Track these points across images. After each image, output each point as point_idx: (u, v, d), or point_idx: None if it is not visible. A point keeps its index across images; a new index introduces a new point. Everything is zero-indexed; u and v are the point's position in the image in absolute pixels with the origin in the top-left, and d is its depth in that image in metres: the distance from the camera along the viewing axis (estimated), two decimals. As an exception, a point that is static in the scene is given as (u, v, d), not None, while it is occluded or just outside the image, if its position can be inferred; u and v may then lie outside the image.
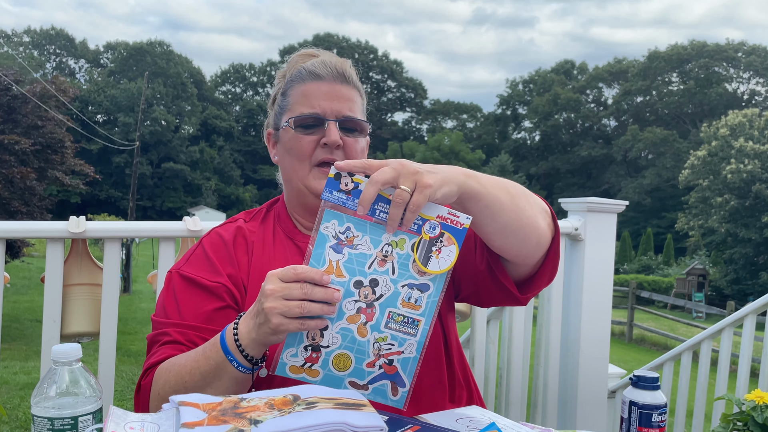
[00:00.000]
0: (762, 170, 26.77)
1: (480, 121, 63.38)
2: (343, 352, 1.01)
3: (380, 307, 1.00)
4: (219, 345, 1.04)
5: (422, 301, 1.00)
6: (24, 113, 13.18)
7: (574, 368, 2.50)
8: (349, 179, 0.96)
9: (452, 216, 0.98)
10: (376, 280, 0.99)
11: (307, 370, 1.02)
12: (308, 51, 1.34)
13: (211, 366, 1.04)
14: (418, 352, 1.01)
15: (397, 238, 0.98)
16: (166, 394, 1.08)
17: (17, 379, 7.13)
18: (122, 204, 44.87)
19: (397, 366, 1.02)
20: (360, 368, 1.02)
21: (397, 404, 1.03)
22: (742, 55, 47.34)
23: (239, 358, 1.02)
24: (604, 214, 2.50)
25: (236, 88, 64.19)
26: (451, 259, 0.98)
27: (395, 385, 1.03)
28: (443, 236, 0.98)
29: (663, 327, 16.04)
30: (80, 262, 2.18)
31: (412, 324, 1.01)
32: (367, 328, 1.01)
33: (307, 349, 1.01)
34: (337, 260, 0.99)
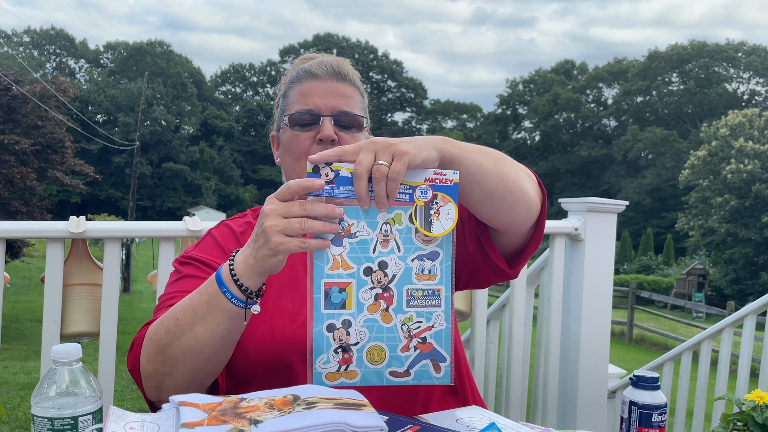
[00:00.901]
0: (762, 170, 26.78)
1: (480, 121, 63.40)
2: (374, 344, 0.99)
3: (397, 288, 0.98)
4: (214, 278, 1.00)
5: (436, 270, 0.99)
6: (24, 113, 13.18)
7: (574, 368, 2.50)
8: (328, 169, 0.94)
9: (439, 176, 0.97)
10: (384, 262, 0.98)
11: (344, 374, 0.99)
12: (309, 55, 1.36)
13: (204, 301, 1.01)
14: (447, 321, 1.00)
15: (393, 215, 0.97)
16: (158, 337, 1.04)
17: (17, 379, 7.13)
18: (122, 204, 44.87)
19: (432, 342, 1.00)
20: (396, 356, 0.99)
21: (443, 381, 1.01)
22: (742, 55, 47.34)
23: (233, 289, 0.98)
24: (604, 214, 2.50)
25: (236, 88, 64.20)
26: (452, 217, 0.96)
27: (436, 362, 1.01)
28: (437, 197, 0.96)
29: (663, 327, 16.04)
30: (80, 262, 2.18)
31: (433, 295, 0.99)
32: (390, 312, 0.99)
33: (337, 352, 0.98)
34: (340, 253, 0.97)
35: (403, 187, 0.96)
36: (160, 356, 1.05)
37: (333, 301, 0.98)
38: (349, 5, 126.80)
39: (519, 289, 2.49)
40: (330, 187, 0.94)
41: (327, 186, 0.94)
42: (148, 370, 1.07)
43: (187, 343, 1.02)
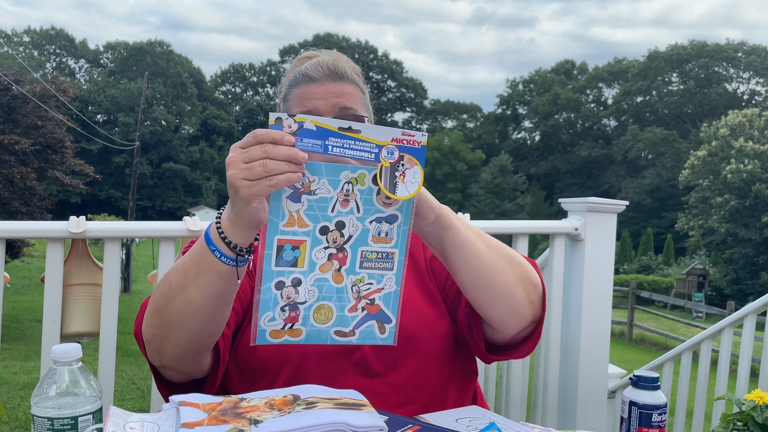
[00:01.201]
0: (762, 170, 26.78)
1: (480, 121, 63.39)
2: (322, 303, 0.97)
3: (351, 249, 0.96)
4: (203, 238, 0.98)
5: (393, 233, 0.97)
6: (24, 113, 13.18)
7: (574, 368, 2.50)
8: (291, 120, 0.90)
9: (407, 136, 0.94)
10: (342, 222, 0.95)
11: (288, 332, 0.97)
12: (308, 53, 1.35)
13: (194, 261, 0.99)
14: (398, 284, 0.99)
15: (356, 174, 0.93)
16: (155, 300, 1.04)
17: (17, 379, 7.13)
18: (122, 204, 44.86)
19: (380, 303, 0.99)
20: (343, 315, 0.98)
21: (386, 341, 1.00)
22: (742, 55, 47.35)
23: (222, 247, 0.95)
24: (604, 214, 2.50)
25: (236, 88, 64.21)
26: (417, 181, 0.93)
27: (381, 323, 1.00)
28: (403, 159, 0.93)
29: (663, 327, 16.04)
30: (80, 262, 2.18)
31: (386, 258, 0.97)
32: (342, 273, 0.97)
33: (284, 310, 0.95)
34: (297, 210, 0.93)
35: (368, 146, 0.92)
36: (156, 320, 1.04)
37: (285, 259, 0.94)
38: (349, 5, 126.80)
39: (519, 289, 2.49)
40: (294, 139, 0.90)
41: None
42: (148, 335, 1.07)
43: (180, 305, 1.00)
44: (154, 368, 1.14)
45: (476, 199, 45.22)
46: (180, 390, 1.15)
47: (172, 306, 1.01)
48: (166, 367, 1.10)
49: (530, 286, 1.13)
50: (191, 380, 1.16)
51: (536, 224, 2.53)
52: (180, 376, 1.13)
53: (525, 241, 2.45)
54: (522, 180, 47.37)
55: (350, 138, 0.91)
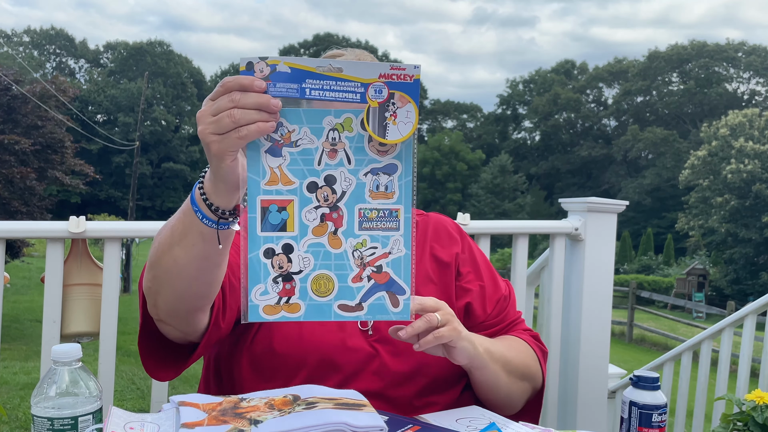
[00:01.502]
0: (762, 170, 26.78)
1: (480, 121, 63.36)
2: (320, 273, 0.86)
3: (347, 207, 0.85)
4: (189, 198, 0.94)
5: (394, 186, 0.85)
6: (24, 113, 13.18)
7: (574, 368, 2.50)
8: (263, 63, 0.81)
9: (397, 70, 0.82)
10: (332, 177, 0.84)
11: (285, 307, 0.86)
12: (333, 52, 1.31)
13: (180, 220, 0.95)
14: (407, 247, 0.86)
15: (342, 119, 0.83)
16: (150, 254, 1.03)
17: (17, 379, 7.13)
18: (122, 204, 44.85)
19: (389, 271, 0.86)
20: (346, 286, 0.86)
21: (401, 316, 0.88)
22: (742, 55, 47.34)
23: (203, 209, 0.90)
24: (605, 214, 2.50)
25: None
26: (411, 121, 0.83)
27: (393, 294, 0.87)
28: (394, 97, 0.82)
29: (663, 327, 16.03)
30: (80, 262, 2.18)
31: (390, 217, 0.85)
32: (339, 236, 0.85)
33: (277, 282, 0.85)
34: (278, 165, 0.83)
35: (352, 85, 0.81)
36: (150, 273, 1.03)
37: (271, 222, 0.84)
38: (349, 5, 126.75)
39: (519, 289, 2.49)
40: (266, 84, 0.81)
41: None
42: (145, 287, 1.06)
43: (166, 263, 0.98)
44: (146, 323, 1.12)
45: (476, 199, 45.21)
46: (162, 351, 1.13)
47: (160, 263, 0.99)
48: (162, 321, 1.08)
49: (532, 390, 1.27)
50: (186, 343, 1.14)
51: (536, 224, 2.53)
52: (177, 333, 1.10)
53: (525, 241, 2.45)
54: (522, 180, 47.36)
55: (330, 78, 0.81)
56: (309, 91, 0.81)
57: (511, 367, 1.18)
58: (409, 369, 1.18)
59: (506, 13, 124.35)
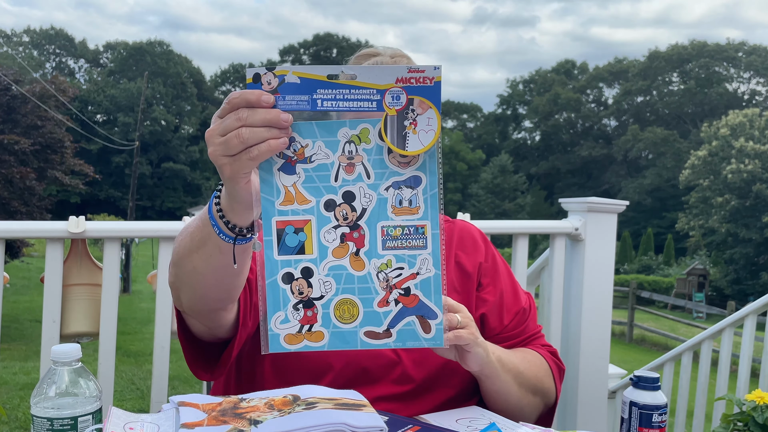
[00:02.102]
0: (762, 170, 26.79)
1: (480, 121, 63.38)
2: (343, 297, 0.80)
3: (368, 226, 0.78)
4: (207, 207, 0.92)
5: (418, 200, 0.77)
6: (24, 113, 13.18)
7: (574, 368, 2.50)
8: (270, 75, 0.76)
9: (415, 73, 0.75)
10: (350, 193, 0.78)
11: (307, 336, 0.80)
12: (367, 51, 1.25)
13: (199, 228, 0.93)
14: (437, 267, 0.79)
15: (358, 130, 0.77)
16: (173, 252, 1.03)
17: (17, 379, 7.13)
18: (122, 204, 44.86)
19: (418, 293, 0.79)
20: (372, 311, 0.80)
21: (434, 343, 0.81)
22: (742, 55, 47.36)
23: (220, 225, 0.88)
24: (605, 214, 2.50)
25: (236, 88, 63.63)
26: (433, 128, 0.75)
27: (424, 319, 0.80)
28: (413, 102, 0.75)
29: (663, 327, 16.03)
30: (80, 262, 2.18)
31: (416, 234, 0.78)
32: (361, 257, 0.79)
33: (297, 308, 0.80)
34: (293, 183, 0.78)
35: (367, 93, 0.75)
36: (172, 270, 1.03)
37: (288, 244, 0.78)
38: (349, 5, 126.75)
39: (519, 289, 2.49)
40: (274, 97, 0.76)
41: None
42: (169, 281, 1.06)
43: (187, 267, 0.98)
44: (179, 315, 1.11)
45: (476, 199, 45.23)
46: (198, 346, 1.13)
47: (181, 265, 0.99)
48: (186, 313, 1.08)
49: (543, 406, 1.24)
50: (214, 339, 1.13)
51: (536, 224, 2.53)
52: (201, 327, 1.08)
53: (525, 241, 2.45)
54: (522, 180, 47.37)
55: (343, 86, 0.75)
56: (321, 103, 0.75)
57: (522, 379, 1.16)
58: (429, 378, 1.18)
59: (506, 13, 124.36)
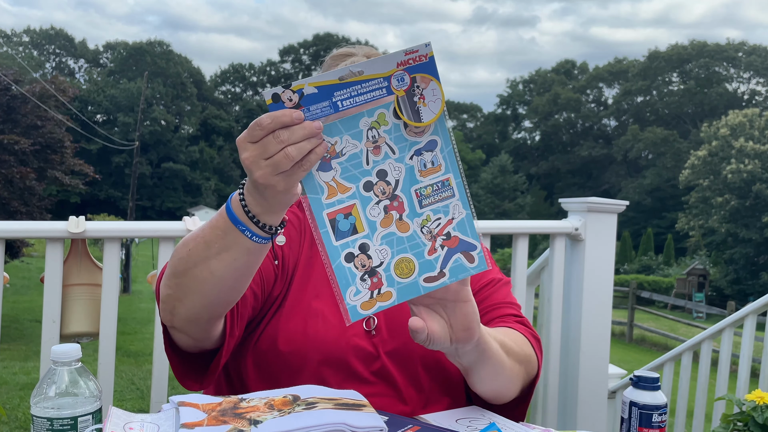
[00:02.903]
0: (762, 170, 26.80)
1: (480, 121, 63.42)
2: (399, 258, 0.91)
3: (404, 193, 0.90)
4: (226, 215, 0.93)
5: (438, 159, 0.90)
6: (23, 113, 13.18)
7: (574, 368, 2.50)
8: (290, 92, 0.84)
9: (411, 55, 0.86)
10: (383, 171, 0.89)
11: (378, 299, 0.91)
12: (343, 51, 1.29)
13: (218, 236, 0.95)
14: (466, 208, 0.91)
15: (375, 116, 0.88)
16: (173, 263, 1.02)
17: (17, 379, 7.13)
18: (122, 204, 44.87)
19: (457, 234, 0.91)
20: (425, 261, 0.91)
21: (480, 268, 0.92)
22: (742, 55, 47.38)
23: (253, 228, 0.91)
24: (605, 214, 2.50)
25: (236, 88, 64.20)
26: (438, 96, 0.87)
27: (467, 253, 0.92)
28: (416, 80, 0.86)
29: (663, 327, 16.04)
30: (80, 262, 2.18)
31: (444, 187, 0.90)
32: (405, 220, 0.90)
33: (365, 279, 0.90)
34: (332, 178, 0.88)
35: (376, 82, 0.85)
36: (173, 281, 1.02)
37: (342, 230, 0.89)
38: (349, 5, 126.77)
39: (519, 289, 2.49)
40: (301, 111, 0.84)
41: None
42: (163, 294, 1.05)
43: (200, 274, 0.98)
44: (166, 330, 1.11)
45: (476, 199, 45.23)
46: (186, 359, 1.13)
47: (191, 273, 0.98)
48: (176, 328, 1.07)
49: (528, 378, 1.18)
50: (199, 351, 1.13)
51: (536, 224, 2.53)
52: (189, 341, 1.09)
53: (525, 241, 2.45)
54: (522, 180, 47.40)
55: (355, 83, 0.85)
56: (341, 104, 0.84)
57: (510, 348, 1.13)
58: (408, 372, 1.18)
59: (506, 13, 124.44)
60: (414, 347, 1.18)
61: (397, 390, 1.17)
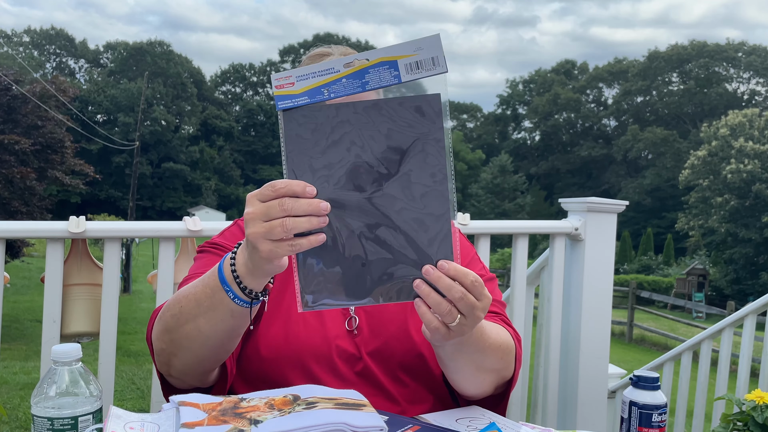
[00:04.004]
0: (762, 170, 26.79)
1: (480, 121, 63.43)
2: None
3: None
4: (216, 273, 0.95)
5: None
6: (24, 113, 13.18)
7: (574, 368, 2.50)
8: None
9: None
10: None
11: None
12: (319, 51, 1.32)
13: (207, 294, 0.97)
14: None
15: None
16: (165, 318, 1.04)
17: (17, 379, 7.13)
18: (122, 204, 44.87)
19: None
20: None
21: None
22: (742, 55, 47.37)
23: (236, 290, 0.93)
24: (605, 214, 2.50)
25: (236, 88, 64.20)
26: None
27: None
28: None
29: (663, 327, 16.04)
30: (80, 262, 2.18)
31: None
32: None
33: None
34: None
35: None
36: (167, 337, 1.04)
37: None
38: (349, 5, 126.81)
39: (519, 289, 2.49)
40: (315, 189, 0.85)
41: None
42: (157, 347, 1.07)
43: (190, 332, 1.00)
44: (161, 373, 1.14)
45: (476, 199, 45.24)
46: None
47: (182, 330, 1.01)
48: (172, 376, 1.11)
49: (506, 372, 1.14)
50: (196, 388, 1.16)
51: (536, 224, 2.53)
52: (185, 386, 1.13)
53: (525, 241, 2.45)
54: (522, 180, 47.37)
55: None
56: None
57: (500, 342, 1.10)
58: (389, 371, 1.19)
59: (506, 13, 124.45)
60: (395, 346, 1.18)
61: (381, 389, 1.17)
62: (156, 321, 1.08)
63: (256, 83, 63.20)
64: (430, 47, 0.86)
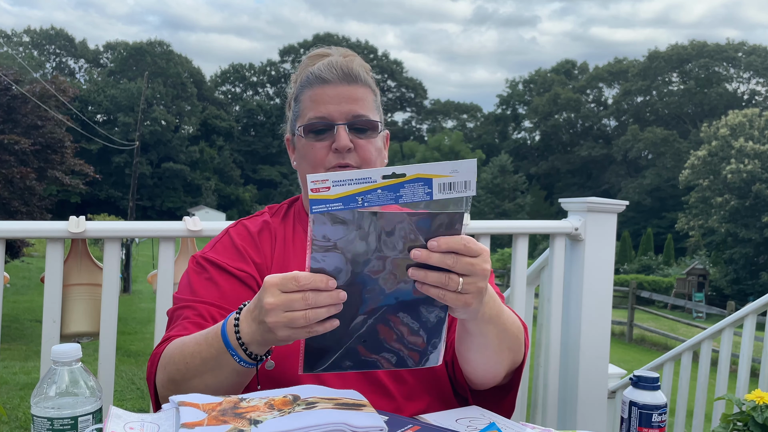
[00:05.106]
0: (762, 170, 26.80)
1: (480, 121, 63.42)
2: None
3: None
4: (220, 334, 1.00)
5: None
6: (24, 113, 13.18)
7: (574, 368, 2.50)
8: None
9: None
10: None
11: None
12: (319, 51, 1.33)
13: (212, 354, 1.02)
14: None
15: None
16: (170, 371, 1.08)
17: (17, 379, 7.13)
18: (122, 204, 44.87)
19: None
20: None
21: None
22: (742, 55, 47.37)
23: (240, 354, 0.99)
24: (605, 214, 2.50)
25: (236, 88, 64.20)
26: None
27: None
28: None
29: (663, 327, 16.04)
30: (80, 262, 2.17)
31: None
32: None
33: None
34: None
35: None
36: (172, 386, 1.08)
37: None
38: (349, 5, 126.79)
39: (519, 289, 2.49)
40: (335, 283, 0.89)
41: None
42: (162, 392, 1.11)
43: (197, 386, 1.04)
44: (156, 395, 1.16)
45: (476, 199, 45.09)
46: None
47: (188, 384, 1.05)
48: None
49: (519, 355, 1.17)
50: None
51: (536, 224, 2.53)
52: None
53: (525, 241, 2.45)
54: (522, 180, 47.37)
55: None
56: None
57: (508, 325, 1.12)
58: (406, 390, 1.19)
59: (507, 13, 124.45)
60: None
61: (379, 385, 1.17)
62: (159, 369, 1.11)
63: (256, 83, 63.20)
64: (466, 171, 0.90)
